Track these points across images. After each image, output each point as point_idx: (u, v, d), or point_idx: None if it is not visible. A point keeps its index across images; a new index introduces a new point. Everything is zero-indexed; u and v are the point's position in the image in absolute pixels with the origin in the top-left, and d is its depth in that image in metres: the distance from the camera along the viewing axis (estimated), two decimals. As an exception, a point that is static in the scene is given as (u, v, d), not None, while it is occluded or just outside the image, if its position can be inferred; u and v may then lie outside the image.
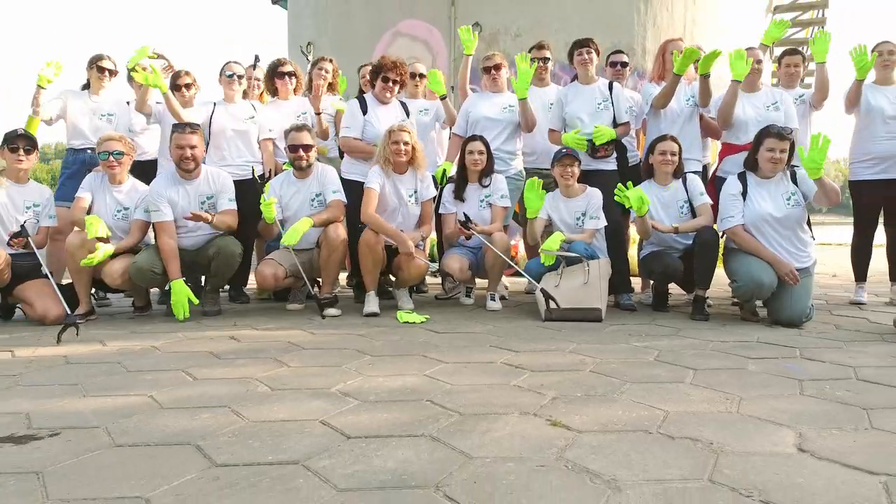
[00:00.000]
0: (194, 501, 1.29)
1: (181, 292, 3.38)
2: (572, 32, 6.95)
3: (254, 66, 4.47)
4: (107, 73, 4.30)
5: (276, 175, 4.07)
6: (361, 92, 4.52)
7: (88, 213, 3.62)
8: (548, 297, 3.31)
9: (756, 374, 2.34)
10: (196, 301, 3.44)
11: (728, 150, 4.02)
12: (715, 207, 3.59)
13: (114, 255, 3.46)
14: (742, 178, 3.44)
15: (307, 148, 3.77)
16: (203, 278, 3.83)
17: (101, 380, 2.29)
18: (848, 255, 4.44)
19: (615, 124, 4.04)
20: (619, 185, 3.46)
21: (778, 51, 6.21)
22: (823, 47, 4.24)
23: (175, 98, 4.04)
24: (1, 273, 3.27)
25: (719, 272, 3.65)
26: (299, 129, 3.78)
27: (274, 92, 4.37)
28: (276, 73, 4.33)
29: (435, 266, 3.77)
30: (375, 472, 1.43)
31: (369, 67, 4.61)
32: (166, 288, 3.70)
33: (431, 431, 1.70)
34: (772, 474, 1.42)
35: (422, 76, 4.49)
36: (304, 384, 2.20)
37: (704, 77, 3.87)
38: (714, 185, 3.93)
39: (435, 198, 3.83)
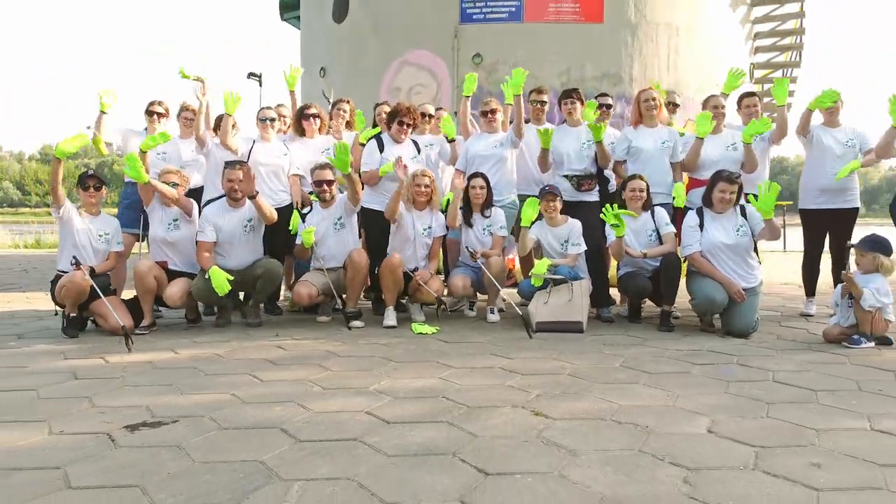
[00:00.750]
0: (294, 462, 1.96)
1: (218, 274, 3.98)
2: (565, 62, 7.66)
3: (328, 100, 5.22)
4: (156, 116, 4.98)
5: (301, 203, 4.75)
6: (379, 130, 5.16)
7: (147, 228, 4.38)
8: (527, 322, 4.00)
9: (696, 376, 3.01)
10: (230, 278, 4.02)
11: (694, 183, 4.68)
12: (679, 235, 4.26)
13: (170, 278, 4.15)
14: (700, 212, 4.10)
15: (329, 183, 4.44)
16: (242, 294, 4.49)
17: (188, 381, 2.95)
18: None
19: (596, 159, 4.71)
20: (606, 206, 4.11)
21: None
22: (783, 92, 4.90)
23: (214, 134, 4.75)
24: (84, 290, 3.93)
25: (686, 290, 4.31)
26: (322, 167, 4.45)
27: (301, 132, 5.03)
28: (302, 115, 4.99)
29: (439, 297, 4.38)
30: (410, 445, 2.10)
31: (385, 107, 5.29)
32: (215, 307, 4.38)
33: (447, 419, 2.36)
34: (683, 447, 2.09)
35: (430, 116, 5.16)
36: (347, 384, 2.86)
37: (699, 139, 4.47)
38: (683, 211, 4.59)
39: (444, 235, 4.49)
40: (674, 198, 4.47)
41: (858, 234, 4.52)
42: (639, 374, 3.04)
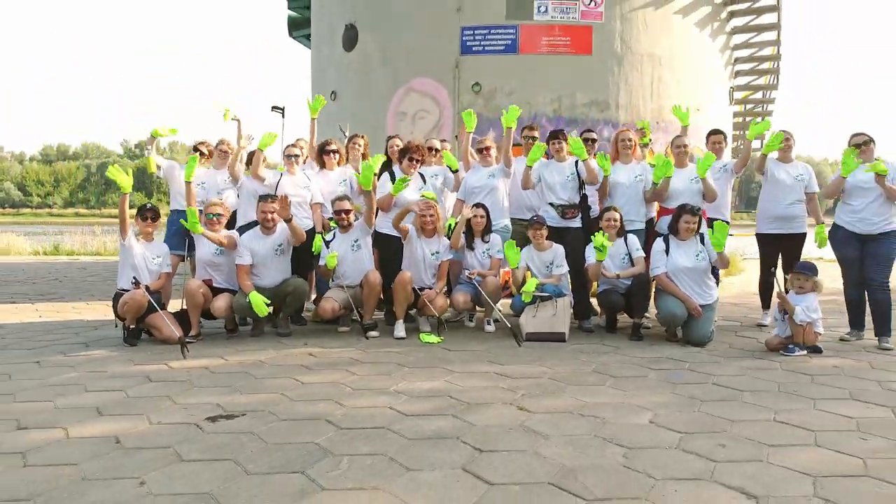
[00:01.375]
0: (340, 444, 2.69)
1: (258, 298, 4.71)
2: (557, 91, 8.40)
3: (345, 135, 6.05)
4: (199, 154, 5.72)
5: (323, 227, 5.49)
6: (389, 160, 5.89)
7: (191, 250, 5.14)
8: (516, 333, 4.74)
9: (651, 380, 3.75)
10: (267, 301, 4.75)
11: (664, 211, 5.40)
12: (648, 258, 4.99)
13: (215, 294, 4.89)
14: (666, 239, 4.84)
15: (347, 212, 5.17)
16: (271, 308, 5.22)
17: (243, 383, 3.69)
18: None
19: (580, 188, 5.43)
20: (596, 233, 4.83)
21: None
22: (757, 130, 5.64)
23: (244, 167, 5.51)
24: (143, 306, 4.66)
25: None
26: (341, 199, 5.19)
27: (322, 164, 5.76)
28: (324, 151, 5.73)
29: (439, 317, 5.09)
30: (425, 432, 2.83)
31: (397, 140, 6.04)
32: (248, 319, 5.12)
33: (452, 412, 3.10)
34: (627, 433, 2.83)
35: (436, 150, 5.89)
36: (371, 386, 3.60)
37: (667, 177, 5.18)
38: (654, 234, 5.32)
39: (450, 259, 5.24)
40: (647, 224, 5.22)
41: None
42: (606, 378, 3.78)
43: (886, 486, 2.31)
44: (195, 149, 5.84)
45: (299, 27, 13.42)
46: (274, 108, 13.71)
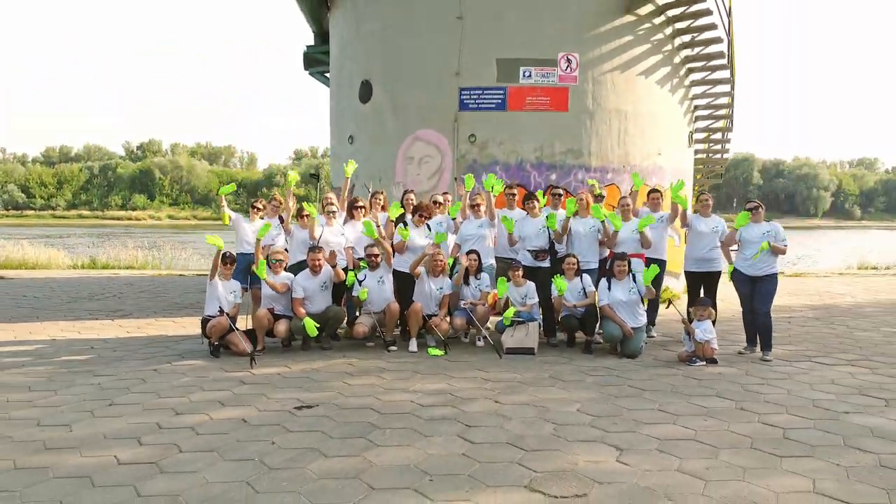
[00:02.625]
0: (384, 422, 4.47)
1: (310, 322, 6.48)
2: (539, 141, 10.16)
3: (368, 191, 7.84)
4: (255, 210, 7.49)
5: (354, 265, 7.25)
6: (404, 211, 7.64)
7: (253, 284, 6.90)
8: (497, 348, 6.52)
9: (588, 383, 5.52)
10: (317, 325, 6.52)
11: (612, 254, 7.17)
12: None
13: (276, 319, 6.66)
14: (608, 278, 6.61)
15: (376, 255, 6.94)
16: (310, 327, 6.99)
17: (309, 384, 5.46)
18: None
19: (550, 239, 7.20)
20: (555, 277, 6.61)
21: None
22: (676, 190, 7.39)
23: (300, 222, 7.28)
24: (226, 328, 6.44)
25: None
26: (372, 246, 6.96)
27: (352, 216, 7.53)
28: (353, 206, 7.50)
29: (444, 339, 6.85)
30: (434, 415, 4.61)
31: (411, 195, 7.81)
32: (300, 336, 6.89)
33: (451, 404, 4.88)
34: (560, 416, 4.61)
35: (440, 203, 7.66)
36: (396, 386, 5.38)
37: (616, 230, 6.95)
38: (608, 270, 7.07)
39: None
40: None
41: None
42: (557, 381, 5.56)
43: (705, 446, 4.08)
44: (253, 206, 7.58)
45: (314, 64, 15.18)
46: (312, 175, 15.25)
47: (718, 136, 12.76)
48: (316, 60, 15.07)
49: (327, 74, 14.64)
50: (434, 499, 3.34)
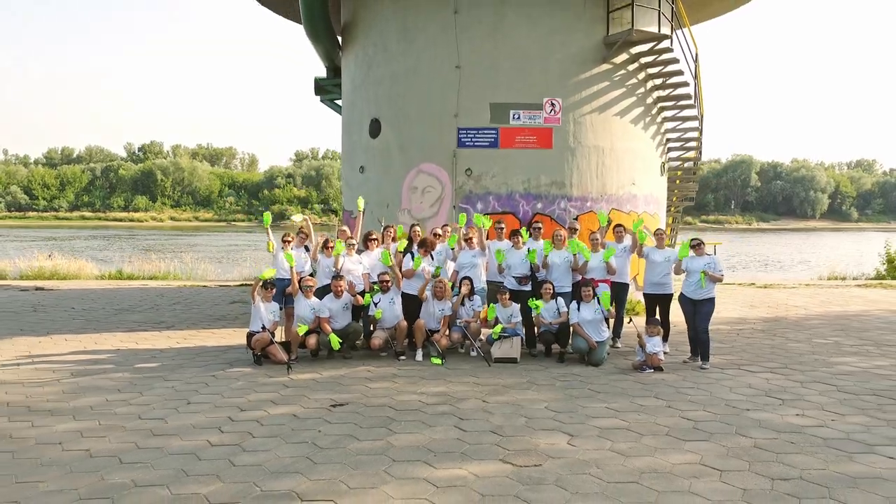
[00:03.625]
0: (402, 414, 6.06)
1: (334, 337, 8.06)
2: (527, 174, 11.72)
3: (381, 224, 9.40)
4: (285, 242, 9.07)
5: (370, 289, 8.82)
6: (411, 242, 9.20)
7: (288, 303, 8.47)
8: (487, 358, 8.11)
9: (556, 386, 7.11)
10: (340, 341, 8.10)
11: (583, 280, 8.74)
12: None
13: (307, 334, 8.23)
14: (577, 301, 8.19)
15: (388, 281, 8.52)
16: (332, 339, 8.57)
17: (339, 387, 7.05)
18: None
19: (531, 268, 8.77)
20: (530, 299, 8.20)
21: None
22: (636, 228, 8.96)
23: (325, 254, 8.85)
24: (268, 342, 8.01)
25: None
26: (384, 273, 8.54)
27: (366, 247, 9.10)
28: (368, 238, 9.08)
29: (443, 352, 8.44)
30: (436, 411, 6.20)
31: (417, 228, 9.38)
32: (324, 348, 8.46)
33: (450, 402, 6.48)
34: (531, 412, 6.20)
35: (439, 235, 9.23)
36: (406, 389, 6.97)
37: (586, 261, 8.54)
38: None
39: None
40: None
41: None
42: (532, 385, 7.15)
43: (633, 433, 5.66)
44: (283, 239, 9.15)
45: (325, 92, 16.75)
46: (331, 210, 16.39)
47: (690, 164, 14.33)
48: (326, 90, 16.66)
49: (337, 101, 16.25)
50: (437, 468, 4.91)
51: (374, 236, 9.15)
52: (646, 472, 4.84)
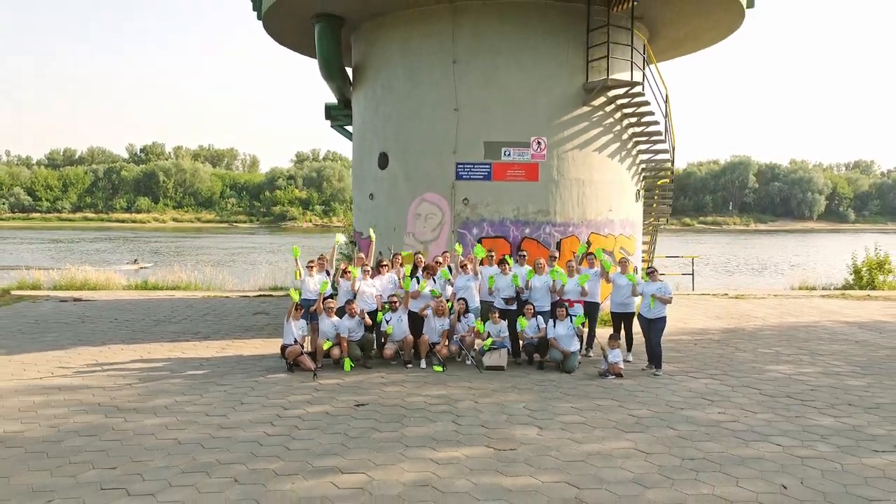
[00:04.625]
0: (411, 412, 7.89)
1: (347, 360, 9.89)
2: (516, 203, 13.54)
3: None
4: (310, 268, 10.87)
5: (381, 308, 10.63)
6: (415, 267, 11.02)
7: (313, 319, 10.29)
8: (479, 366, 9.93)
9: (534, 390, 8.93)
10: (352, 363, 9.93)
11: (561, 300, 10.55)
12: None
13: (330, 347, 10.05)
14: (553, 319, 10.00)
15: (396, 301, 10.34)
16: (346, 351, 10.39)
17: (362, 389, 8.87)
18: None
19: (516, 290, 10.59)
20: (519, 317, 10.03)
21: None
22: (606, 264, 10.76)
23: (344, 279, 10.68)
24: (298, 354, 9.83)
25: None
26: (393, 296, 10.36)
27: (378, 272, 10.91)
28: (379, 264, 10.89)
29: (444, 361, 10.28)
30: (438, 409, 8.03)
31: (421, 257, 11.20)
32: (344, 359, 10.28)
33: (449, 403, 8.31)
34: (510, 410, 8.03)
35: (439, 262, 11.04)
36: (414, 392, 8.79)
37: (563, 285, 10.36)
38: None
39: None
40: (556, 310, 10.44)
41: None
42: (514, 389, 8.97)
43: (589, 426, 7.48)
44: (308, 266, 10.94)
45: (334, 118, 18.54)
46: (351, 241, 17.59)
47: (664, 189, 16.14)
48: (336, 117, 18.46)
49: (347, 128, 18.07)
50: (438, 451, 6.72)
51: (384, 262, 10.97)
52: (592, 454, 6.66)
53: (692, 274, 21.43)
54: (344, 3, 13.72)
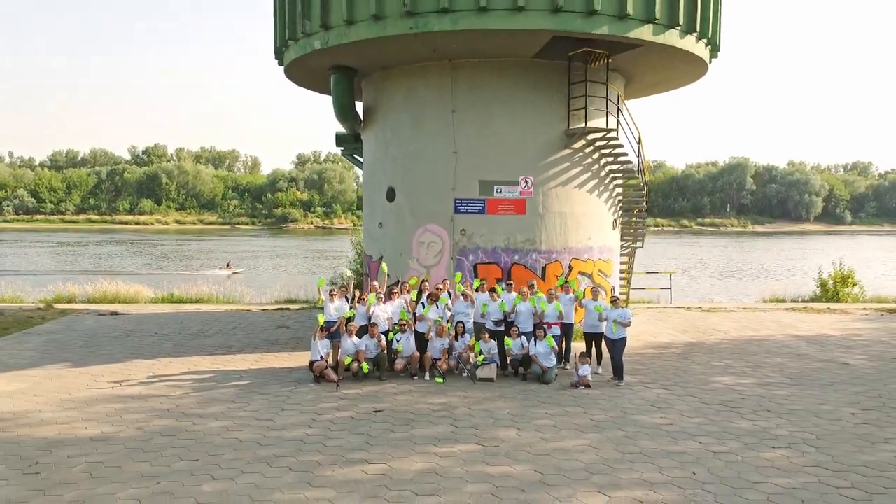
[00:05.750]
0: (419, 416, 10.13)
1: (365, 364, 12.11)
2: (506, 234, 15.78)
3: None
4: (334, 297, 13.10)
5: (393, 329, 12.86)
6: (420, 293, 13.25)
7: (336, 337, 12.54)
8: (473, 378, 12.18)
9: (517, 399, 11.17)
10: (369, 368, 12.16)
11: (541, 323, 12.76)
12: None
13: (350, 363, 12.28)
14: (534, 340, 12.23)
15: (405, 324, 12.58)
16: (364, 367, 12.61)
17: (376, 399, 11.10)
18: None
19: (504, 314, 12.82)
20: (505, 337, 12.25)
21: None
22: (577, 291, 12.98)
23: (362, 304, 12.91)
24: (324, 368, 12.04)
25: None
26: (402, 321, 12.60)
27: (390, 297, 13.13)
28: (391, 291, 13.12)
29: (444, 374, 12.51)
30: (438, 415, 10.28)
31: (426, 284, 13.45)
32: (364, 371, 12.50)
33: (448, 409, 10.55)
34: (496, 413, 10.27)
35: (440, 289, 13.28)
36: (421, 400, 11.03)
37: (543, 310, 12.59)
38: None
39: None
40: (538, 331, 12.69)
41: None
42: (501, 398, 11.21)
43: (557, 428, 9.71)
44: (331, 293, 13.18)
45: (345, 148, 20.75)
46: (364, 274, 19.84)
47: (638, 217, 18.37)
48: (346, 148, 20.65)
49: (357, 157, 20.28)
50: (440, 447, 8.95)
51: (395, 290, 13.21)
52: (556, 450, 8.89)
53: (670, 288, 23.66)
54: (356, 59, 15.92)
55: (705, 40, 15.70)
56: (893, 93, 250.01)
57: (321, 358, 12.16)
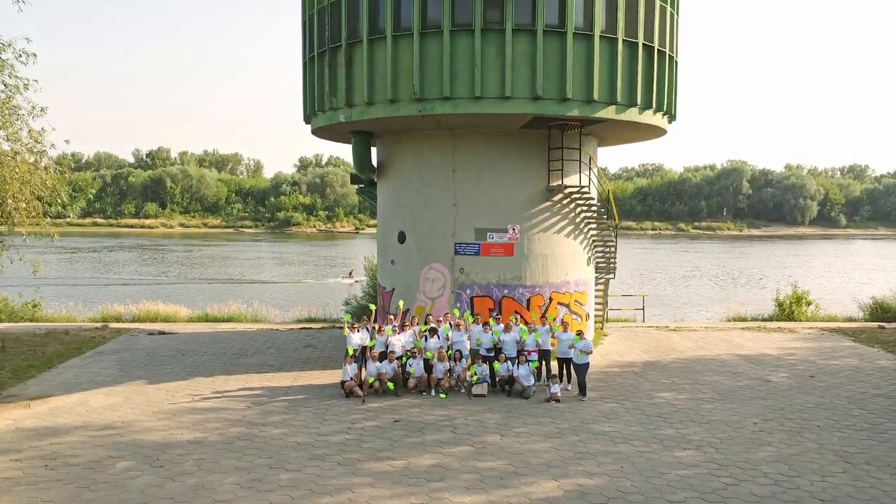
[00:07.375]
0: (427, 425, 13.81)
1: (390, 383, 15.75)
2: (499, 271, 19.47)
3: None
4: (355, 327, 16.74)
5: (406, 355, 16.51)
6: (426, 322, 16.90)
7: (363, 361, 16.22)
8: (468, 394, 15.84)
9: (502, 411, 14.84)
10: (393, 385, 15.80)
11: (521, 351, 16.39)
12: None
13: (373, 382, 15.94)
14: (517, 364, 15.87)
15: (416, 351, 16.24)
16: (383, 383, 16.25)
17: (394, 411, 14.77)
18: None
19: (493, 344, 16.47)
20: (493, 362, 15.90)
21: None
22: (552, 323, 16.63)
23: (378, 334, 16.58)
24: (353, 386, 15.69)
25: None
26: (413, 349, 16.27)
27: (403, 328, 16.76)
28: (403, 323, 16.77)
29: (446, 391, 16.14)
30: (443, 424, 13.95)
31: (431, 318, 17.12)
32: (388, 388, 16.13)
33: (448, 420, 14.23)
34: (489, 423, 13.94)
35: (441, 322, 16.92)
36: (428, 413, 14.70)
37: (524, 339, 16.24)
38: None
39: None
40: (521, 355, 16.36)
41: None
42: (489, 410, 14.87)
43: (528, 434, 13.36)
44: (352, 327, 16.83)
45: (361, 190, 24.40)
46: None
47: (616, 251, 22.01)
48: (359, 182, 24.27)
49: (370, 193, 23.92)
50: (444, 449, 12.60)
51: (407, 323, 16.88)
52: (526, 451, 12.54)
53: (643, 309, 27.34)
54: (373, 126, 19.56)
55: (661, 112, 19.34)
56: (891, 95, 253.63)
57: (350, 378, 15.82)
